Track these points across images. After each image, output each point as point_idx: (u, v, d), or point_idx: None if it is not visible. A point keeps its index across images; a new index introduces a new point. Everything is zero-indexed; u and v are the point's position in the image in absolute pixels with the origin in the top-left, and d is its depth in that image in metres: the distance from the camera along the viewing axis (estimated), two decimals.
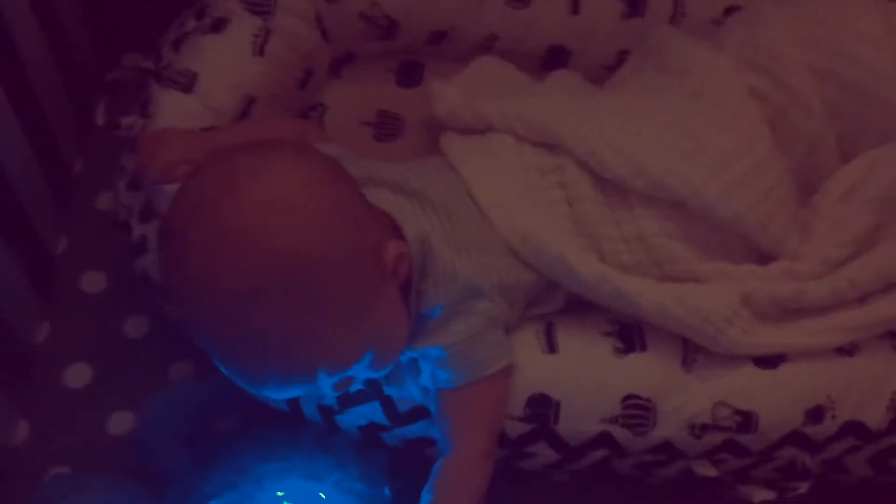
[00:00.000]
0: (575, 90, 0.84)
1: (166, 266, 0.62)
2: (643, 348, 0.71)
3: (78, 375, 0.82)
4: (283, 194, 0.60)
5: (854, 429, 0.70)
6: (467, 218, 0.71)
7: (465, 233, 0.70)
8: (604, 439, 0.69)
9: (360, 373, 0.65)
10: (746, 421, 0.69)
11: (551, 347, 0.70)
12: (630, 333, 0.71)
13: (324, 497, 0.70)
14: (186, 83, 0.77)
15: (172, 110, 0.77)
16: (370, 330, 0.63)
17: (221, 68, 0.79)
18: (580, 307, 0.72)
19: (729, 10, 0.87)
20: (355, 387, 0.67)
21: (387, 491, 0.72)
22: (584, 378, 0.69)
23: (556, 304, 0.73)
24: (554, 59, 0.90)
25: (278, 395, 0.63)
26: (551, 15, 0.88)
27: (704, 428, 0.69)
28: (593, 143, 0.71)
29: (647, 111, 0.75)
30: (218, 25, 0.81)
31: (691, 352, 0.71)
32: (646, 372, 0.70)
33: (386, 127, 0.90)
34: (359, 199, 0.64)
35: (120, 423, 0.79)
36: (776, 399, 0.69)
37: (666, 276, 0.71)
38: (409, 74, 0.92)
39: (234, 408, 0.77)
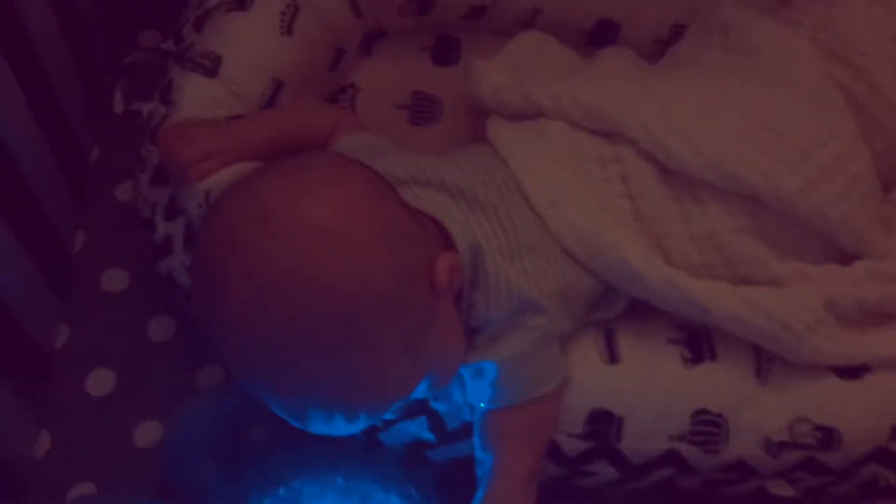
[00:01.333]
0: (631, 71, 0.78)
1: (201, 308, 0.56)
2: (713, 357, 0.65)
3: (100, 382, 0.77)
4: (325, 224, 0.53)
5: None
6: (519, 218, 0.65)
7: (518, 235, 0.64)
8: (670, 458, 0.65)
9: (416, 395, 0.60)
10: (828, 438, 0.64)
11: (613, 357, 0.65)
12: (698, 341, 0.66)
13: None
14: (210, 66, 0.72)
15: (195, 96, 0.72)
16: (428, 354, 0.57)
17: (247, 50, 0.74)
18: (643, 311, 0.67)
19: None
20: None
21: None
22: (650, 391, 0.64)
23: (617, 309, 0.67)
24: (601, 33, 0.84)
25: (325, 432, 0.58)
26: None
27: (782, 446, 0.64)
28: (659, 131, 0.66)
29: (716, 95, 0.69)
30: (242, 2, 0.75)
31: (765, 360, 0.65)
32: (717, 384, 0.65)
33: (422, 110, 0.84)
34: (404, 214, 0.58)
35: (146, 434, 0.75)
36: (861, 414, 0.64)
37: (739, 279, 0.65)
38: (446, 52, 0.86)
39: (269, 418, 0.71)
